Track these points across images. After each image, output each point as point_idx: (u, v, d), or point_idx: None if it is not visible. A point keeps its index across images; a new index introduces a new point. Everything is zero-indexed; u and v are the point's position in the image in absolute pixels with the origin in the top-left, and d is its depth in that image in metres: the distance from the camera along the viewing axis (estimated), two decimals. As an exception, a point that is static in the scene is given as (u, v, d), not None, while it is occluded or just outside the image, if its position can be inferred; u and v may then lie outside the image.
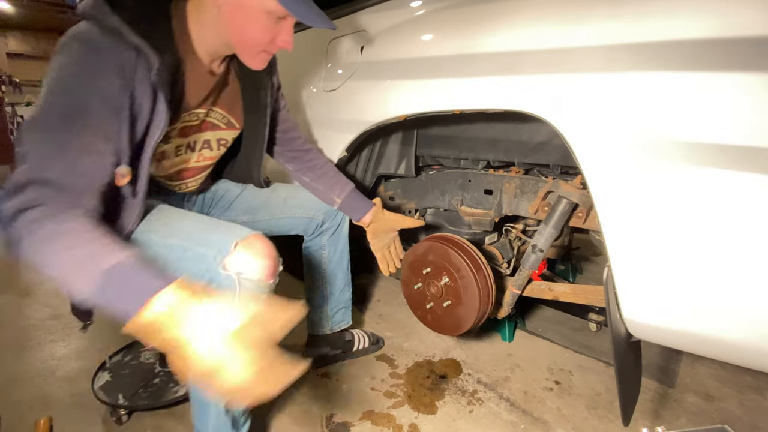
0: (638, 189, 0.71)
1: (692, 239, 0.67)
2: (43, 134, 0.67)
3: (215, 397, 0.64)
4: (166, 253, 0.81)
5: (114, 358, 1.34)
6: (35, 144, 0.67)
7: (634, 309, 0.77)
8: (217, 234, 0.81)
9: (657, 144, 0.68)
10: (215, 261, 0.77)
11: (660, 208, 0.70)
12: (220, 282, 0.77)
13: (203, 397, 0.86)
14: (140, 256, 0.64)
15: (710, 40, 0.62)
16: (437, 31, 0.98)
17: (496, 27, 0.87)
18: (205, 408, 0.87)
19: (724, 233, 0.65)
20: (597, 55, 0.73)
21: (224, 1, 0.77)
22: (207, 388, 0.58)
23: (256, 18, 0.78)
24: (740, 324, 0.67)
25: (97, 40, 0.69)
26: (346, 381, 1.31)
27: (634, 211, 0.72)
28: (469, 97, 0.92)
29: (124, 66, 0.70)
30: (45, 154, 0.66)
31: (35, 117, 0.67)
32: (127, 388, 1.18)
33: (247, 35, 0.81)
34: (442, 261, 1.14)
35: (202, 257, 0.78)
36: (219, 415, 0.87)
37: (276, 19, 0.80)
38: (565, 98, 0.77)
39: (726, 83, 0.62)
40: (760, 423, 1.14)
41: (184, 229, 0.84)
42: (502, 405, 1.20)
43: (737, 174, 0.62)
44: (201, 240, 0.81)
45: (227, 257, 0.77)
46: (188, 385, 0.78)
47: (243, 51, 0.85)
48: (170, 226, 0.85)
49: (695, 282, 0.69)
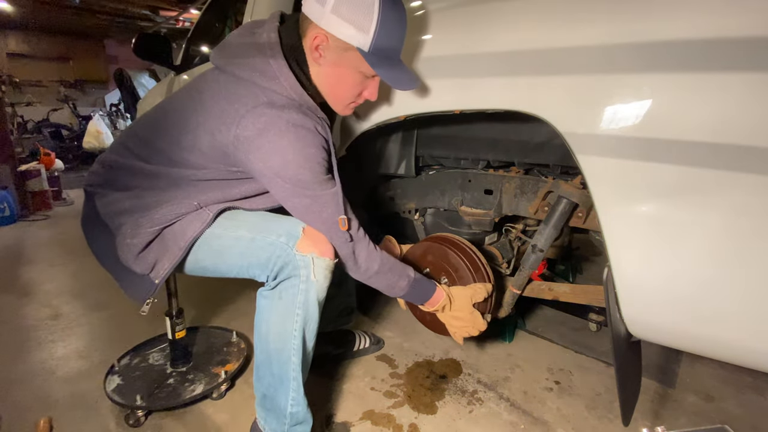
0: (638, 189, 0.71)
1: (692, 239, 0.67)
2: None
3: (453, 335, 1.07)
4: (232, 244, 0.90)
5: (122, 361, 1.34)
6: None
7: (634, 309, 0.77)
8: (281, 223, 0.90)
9: (657, 144, 0.68)
10: (288, 245, 0.86)
11: (660, 208, 0.70)
12: (296, 263, 0.86)
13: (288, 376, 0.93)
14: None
15: (710, 41, 0.62)
16: (437, 31, 0.98)
17: (496, 27, 0.87)
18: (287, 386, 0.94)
19: (724, 233, 0.65)
20: (597, 55, 0.73)
21: (324, 60, 0.87)
22: (451, 329, 1.06)
23: (350, 75, 0.89)
24: (740, 324, 0.67)
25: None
26: (346, 381, 1.31)
27: (634, 211, 0.72)
28: (469, 97, 0.92)
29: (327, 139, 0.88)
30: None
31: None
32: (142, 389, 1.18)
33: (341, 90, 0.92)
34: (440, 261, 1.14)
35: (272, 244, 0.87)
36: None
37: (366, 77, 0.90)
38: (565, 98, 0.77)
39: (726, 83, 0.61)
40: (760, 423, 1.14)
41: (249, 221, 0.92)
42: (502, 405, 1.20)
43: (737, 174, 0.62)
44: (267, 229, 0.89)
45: (298, 241, 0.86)
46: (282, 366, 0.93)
47: (335, 101, 0.94)
48: (235, 220, 0.93)
49: (695, 282, 0.69)
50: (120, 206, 0.92)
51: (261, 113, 0.81)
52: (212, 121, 0.84)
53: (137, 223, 0.88)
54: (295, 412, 0.94)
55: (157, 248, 0.89)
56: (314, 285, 0.87)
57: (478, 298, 1.04)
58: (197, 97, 0.89)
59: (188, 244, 0.89)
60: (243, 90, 0.84)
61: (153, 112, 0.97)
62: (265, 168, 0.82)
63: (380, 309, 1.75)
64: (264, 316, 0.91)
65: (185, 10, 6.88)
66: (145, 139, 0.93)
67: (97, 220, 0.94)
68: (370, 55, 0.83)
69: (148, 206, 0.89)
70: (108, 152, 0.99)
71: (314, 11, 0.82)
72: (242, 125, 0.80)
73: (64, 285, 2.07)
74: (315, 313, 0.90)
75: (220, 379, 1.24)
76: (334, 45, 0.84)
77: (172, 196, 0.90)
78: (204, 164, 0.88)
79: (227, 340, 1.47)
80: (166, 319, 1.23)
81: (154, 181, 0.91)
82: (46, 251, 2.61)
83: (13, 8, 6.66)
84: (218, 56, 0.90)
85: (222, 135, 0.83)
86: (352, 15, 0.80)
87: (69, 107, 7.36)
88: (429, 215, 1.46)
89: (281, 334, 0.89)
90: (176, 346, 1.28)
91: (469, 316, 1.04)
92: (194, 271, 0.96)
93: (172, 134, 0.89)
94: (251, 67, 0.84)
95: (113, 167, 0.95)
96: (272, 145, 0.80)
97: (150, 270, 0.90)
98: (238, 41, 0.89)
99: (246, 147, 0.81)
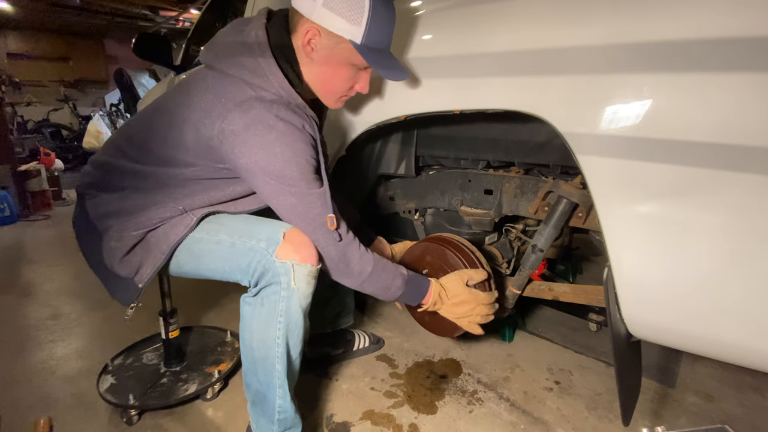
0: (638, 189, 0.71)
1: (692, 239, 0.67)
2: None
3: (467, 327, 1.03)
4: (212, 248, 0.89)
5: (116, 360, 1.34)
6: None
7: (634, 309, 0.77)
8: (262, 227, 0.88)
9: (657, 144, 0.68)
10: (267, 252, 0.84)
11: (660, 208, 0.70)
12: (276, 270, 0.83)
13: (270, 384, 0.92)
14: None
15: (710, 41, 0.62)
16: (438, 30, 0.98)
17: (497, 27, 0.87)
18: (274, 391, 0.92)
19: (724, 233, 0.65)
20: (597, 55, 0.73)
21: (316, 54, 0.86)
22: (463, 322, 1.02)
23: (343, 68, 0.88)
24: (740, 324, 0.67)
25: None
26: (346, 381, 1.31)
27: (634, 211, 0.72)
28: (469, 97, 0.92)
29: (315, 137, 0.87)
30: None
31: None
32: (135, 389, 1.18)
33: (333, 83, 0.91)
34: (438, 262, 1.13)
35: (252, 250, 0.85)
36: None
37: (357, 70, 0.90)
38: (566, 98, 0.77)
39: (726, 83, 0.61)
40: (760, 423, 1.14)
41: (230, 225, 0.91)
42: (502, 405, 1.20)
43: (737, 174, 0.62)
44: (248, 234, 0.87)
45: (278, 247, 0.84)
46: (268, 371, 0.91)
47: (327, 95, 0.94)
48: (216, 224, 0.92)
49: (695, 282, 0.69)
50: (108, 208, 0.92)
51: (249, 107, 0.80)
52: (197, 115, 0.83)
53: (122, 226, 0.88)
54: (283, 419, 0.94)
55: (140, 252, 0.89)
56: (296, 292, 0.84)
57: (471, 281, 1.02)
58: (185, 94, 0.88)
59: (171, 248, 0.88)
60: (231, 86, 0.83)
61: (143, 112, 0.97)
62: (251, 163, 0.81)
63: (380, 309, 1.75)
64: (247, 322, 0.90)
65: (185, 10, 6.89)
66: (134, 139, 0.93)
67: (87, 222, 0.94)
68: (362, 47, 0.83)
69: (135, 209, 0.89)
70: (100, 153, 0.99)
71: (305, 5, 0.82)
72: (228, 119, 0.79)
73: (64, 285, 2.07)
74: (299, 320, 0.88)
75: (213, 378, 1.24)
76: (326, 39, 0.84)
77: (158, 200, 0.89)
78: (190, 161, 0.87)
79: (221, 339, 1.47)
80: (160, 319, 1.24)
81: (142, 181, 0.91)
82: (46, 251, 2.61)
83: (13, 8, 6.66)
84: (207, 54, 0.89)
85: (206, 128, 0.82)
86: (343, 8, 0.80)
87: (69, 107, 7.36)
88: (429, 215, 1.46)
89: (264, 341, 0.88)
90: (170, 346, 1.28)
91: (469, 295, 1.00)
92: (179, 274, 0.96)
93: (159, 132, 0.89)
94: (240, 64, 0.84)
95: (104, 168, 0.96)
96: (259, 138, 0.79)
97: (134, 274, 0.89)
98: (226, 40, 0.89)
99: (231, 141, 0.80)
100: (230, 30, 0.90)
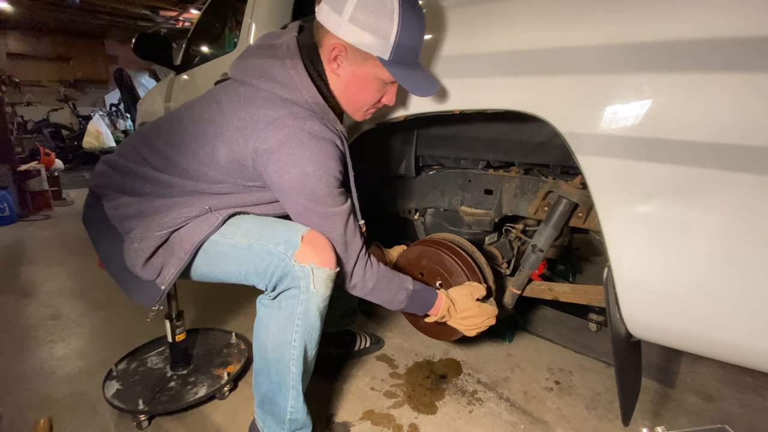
0: (638, 189, 0.71)
1: (692, 239, 0.67)
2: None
3: (468, 333, 1.06)
4: (228, 251, 0.86)
5: (120, 365, 1.33)
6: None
7: (634, 309, 0.77)
8: (281, 230, 0.86)
9: (657, 144, 0.68)
10: (286, 255, 0.82)
11: (660, 208, 0.70)
12: (295, 274, 0.82)
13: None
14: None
15: (710, 41, 0.62)
16: (438, 30, 0.98)
17: (496, 27, 0.87)
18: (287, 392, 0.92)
19: (724, 233, 0.65)
20: (597, 55, 0.73)
21: (343, 70, 0.86)
22: (471, 329, 1.05)
23: (370, 84, 0.88)
24: (739, 324, 0.67)
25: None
26: (346, 381, 1.31)
27: (634, 211, 0.72)
28: (469, 97, 0.92)
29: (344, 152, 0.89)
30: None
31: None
32: (144, 393, 1.17)
33: (359, 97, 0.91)
34: (434, 265, 1.13)
35: (270, 253, 0.83)
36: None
37: (385, 84, 0.89)
38: (565, 98, 0.77)
39: (726, 83, 0.61)
40: (760, 423, 1.14)
41: (248, 228, 0.88)
42: (502, 405, 1.20)
43: (737, 174, 0.62)
44: (266, 237, 0.85)
45: (297, 251, 0.82)
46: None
47: (354, 109, 0.94)
48: (234, 226, 0.89)
49: (695, 282, 0.69)
50: (129, 210, 0.90)
51: (282, 125, 0.79)
52: (230, 132, 0.83)
53: (147, 227, 0.86)
54: (295, 419, 0.94)
55: (163, 253, 0.87)
56: (314, 296, 0.84)
57: (477, 295, 1.04)
58: (216, 108, 0.87)
59: (194, 247, 0.85)
60: (263, 101, 0.82)
61: (170, 122, 0.94)
62: (282, 182, 0.81)
63: (381, 309, 1.75)
64: (263, 324, 0.89)
65: (185, 10, 6.89)
66: (161, 150, 0.91)
67: (104, 222, 0.93)
68: (390, 62, 0.82)
69: (158, 209, 0.88)
70: (117, 155, 0.96)
71: (330, 20, 0.81)
72: (262, 138, 0.79)
73: (64, 285, 2.07)
74: (316, 323, 0.88)
75: (223, 380, 1.24)
76: (353, 55, 0.83)
77: (182, 202, 0.88)
78: (220, 179, 0.87)
79: (226, 341, 1.46)
80: (166, 322, 1.23)
81: (165, 189, 0.90)
82: (46, 251, 2.61)
83: (13, 8, 6.66)
84: (238, 69, 0.89)
85: (239, 147, 0.82)
86: (371, 23, 0.78)
87: (69, 107, 7.36)
88: (429, 215, 1.46)
89: (280, 343, 0.87)
90: (176, 349, 1.27)
91: (478, 310, 1.03)
92: (195, 277, 0.94)
93: (190, 147, 0.87)
94: (272, 78, 0.83)
95: (123, 171, 0.93)
96: (292, 157, 0.79)
97: (156, 276, 0.87)
98: (257, 53, 0.88)
99: (265, 159, 0.80)
100: (262, 42, 0.90)
